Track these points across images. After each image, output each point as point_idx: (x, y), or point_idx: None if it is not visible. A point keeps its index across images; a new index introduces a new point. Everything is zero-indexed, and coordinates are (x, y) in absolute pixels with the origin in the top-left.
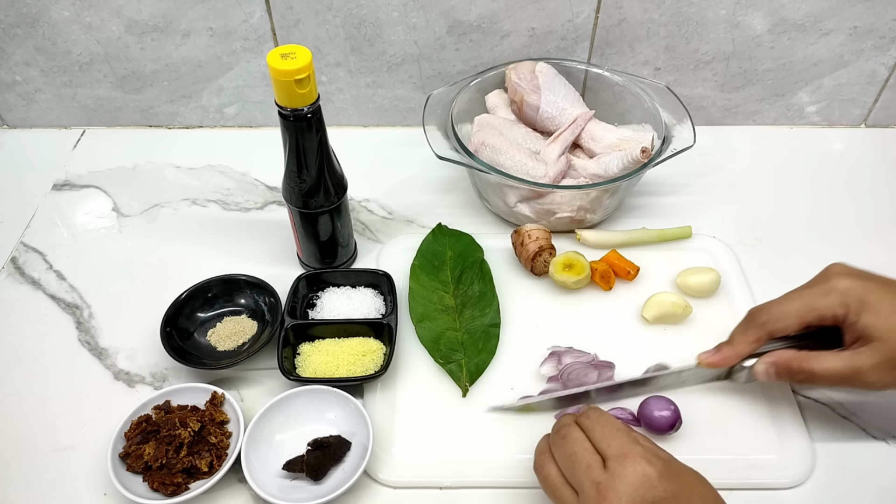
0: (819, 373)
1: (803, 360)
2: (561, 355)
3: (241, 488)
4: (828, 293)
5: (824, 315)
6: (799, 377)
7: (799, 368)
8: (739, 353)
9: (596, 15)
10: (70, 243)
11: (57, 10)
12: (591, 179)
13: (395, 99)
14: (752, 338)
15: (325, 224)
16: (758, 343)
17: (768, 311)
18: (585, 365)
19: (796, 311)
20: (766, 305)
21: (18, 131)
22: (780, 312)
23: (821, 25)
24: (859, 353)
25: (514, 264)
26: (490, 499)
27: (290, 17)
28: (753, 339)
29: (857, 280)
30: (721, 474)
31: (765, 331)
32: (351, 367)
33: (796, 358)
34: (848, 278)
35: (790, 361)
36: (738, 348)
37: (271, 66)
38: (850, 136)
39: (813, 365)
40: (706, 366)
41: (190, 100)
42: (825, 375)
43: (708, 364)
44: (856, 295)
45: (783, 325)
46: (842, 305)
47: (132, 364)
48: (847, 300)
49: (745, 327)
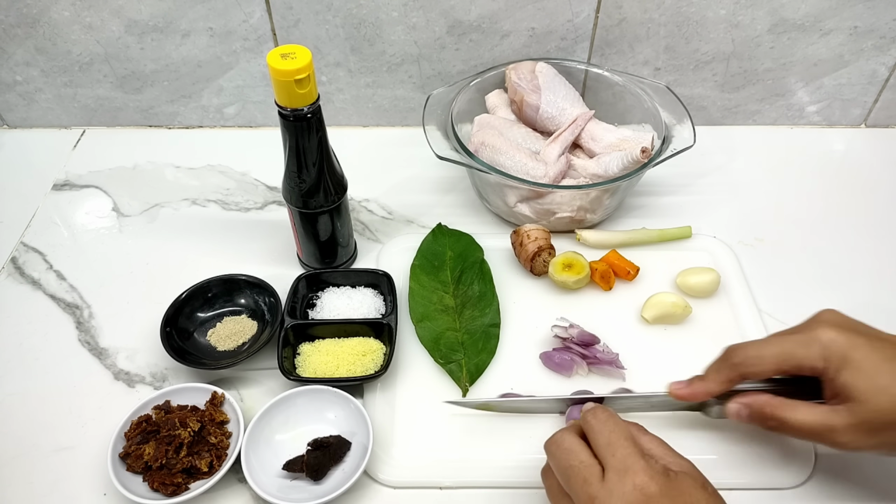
0: (791, 423)
1: (777, 408)
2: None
3: (241, 488)
4: (810, 343)
5: (802, 366)
6: (770, 424)
7: (771, 415)
8: (709, 391)
9: (596, 15)
10: (70, 243)
11: (57, 10)
12: (591, 179)
13: (394, 99)
14: (724, 377)
15: (325, 224)
16: (729, 383)
17: (745, 352)
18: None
19: (773, 357)
20: (743, 346)
21: (18, 131)
22: (756, 356)
23: (821, 25)
24: (835, 411)
25: (515, 264)
26: (490, 499)
27: (290, 17)
28: (725, 379)
29: (844, 333)
30: (721, 474)
31: (737, 372)
32: (351, 367)
33: (770, 404)
34: (834, 330)
35: (763, 406)
36: (708, 386)
37: (271, 66)
38: (850, 136)
39: (786, 414)
40: (676, 398)
41: (190, 100)
42: (797, 427)
43: (677, 397)
44: (839, 349)
45: (758, 369)
46: (822, 359)
47: (132, 364)
48: (828, 354)
49: (720, 366)
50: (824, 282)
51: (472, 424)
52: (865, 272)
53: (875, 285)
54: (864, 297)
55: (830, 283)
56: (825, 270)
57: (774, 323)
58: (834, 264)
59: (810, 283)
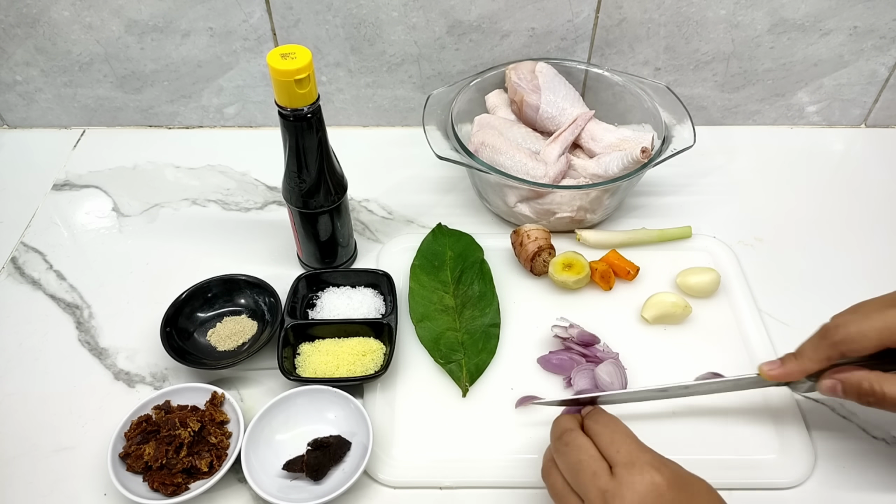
0: (891, 397)
1: (875, 381)
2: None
3: (241, 488)
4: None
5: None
6: (868, 399)
7: (870, 390)
8: (805, 370)
9: (596, 15)
10: (70, 243)
11: (57, 10)
12: (591, 179)
13: (394, 99)
14: (822, 355)
15: (325, 224)
16: (828, 362)
17: (846, 328)
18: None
19: (877, 332)
20: (843, 323)
21: (18, 131)
22: (858, 332)
23: (821, 25)
24: None
25: (515, 264)
26: (490, 499)
27: (290, 17)
28: (824, 357)
29: None
30: (721, 474)
31: (837, 351)
32: (351, 367)
33: (868, 378)
34: None
35: (861, 381)
36: (805, 364)
37: (271, 66)
38: (850, 136)
39: (885, 388)
40: (768, 378)
41: (190, 100)
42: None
43: (771, 377)
44: None
45: (860, 346)
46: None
47: (132, 364)
48: None
49: (817, 343)
50: (824, 282)
51: (472, 424)
52: (865, 272)
53: (875, 285)
54: (864, 296)
55: (830, 283)
56: (825, 270)
57: (774, 323)
58: (834, 264)
59: (810, 283)
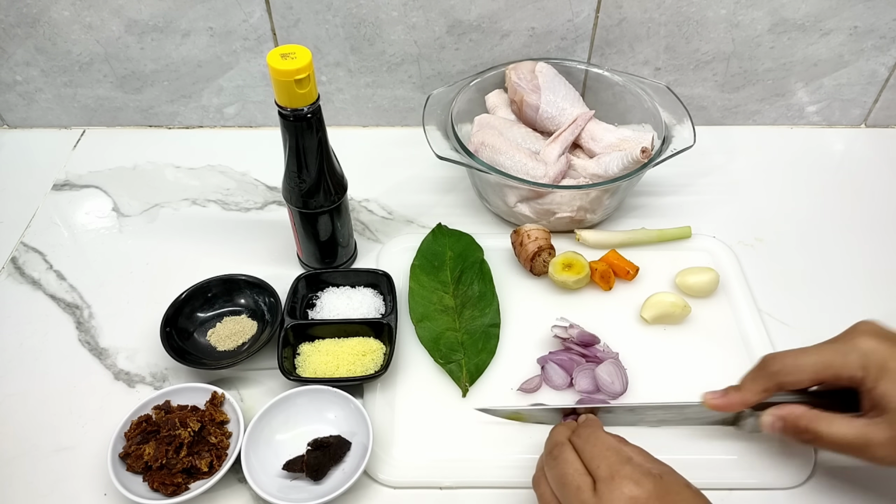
0: (826, 436)
1: (812, 420)
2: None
3: (241, 488)
4: (848, 352)
5: (840, 375)
6: (805, 437)
7: (806, 428)
8: (745, 401)
9: (596, 15)
10: (70, 243)
11: (57, 10)
12: (591, 179)
13: (394, 99)
14: (760, 386)
15: (325, 224)
16: (766, 393)
17: (782, 361)
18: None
19: (812, 365)
20: (780, 355)
21: (18, 131)
22: (794, 365)
23: (821, 25)
24: (873, 424)
25: (515, 264)
26: (490, 499)
27: (289, 17)
28: (762, 389)
29: (884, 343)
30: (721, 474)
31: (774, 381)
32: (351, 367)
33: (805, 416)
34: (873, 339)
35: (799, 419)
36: (745, 395)
37: (271, 66)
38: (850, 136)
39: (822, 427)
40: (710, 407)
41: (190, 100)
42: (832, 440)
43: (712, 406)
44: (878, 359)
45: (795, 378)
46: (861, 368)
47: (132, 364)
48: (867, 363)
49: (756, 375)
50: (824, 282)
51: (472, 425)
52: (865, 272)
53: (875, 285)
54: (864, 296)
55: (830, 283)
56: (825, 270)
57: (774, 323)
58: (834, 264)
59: (810, 283)
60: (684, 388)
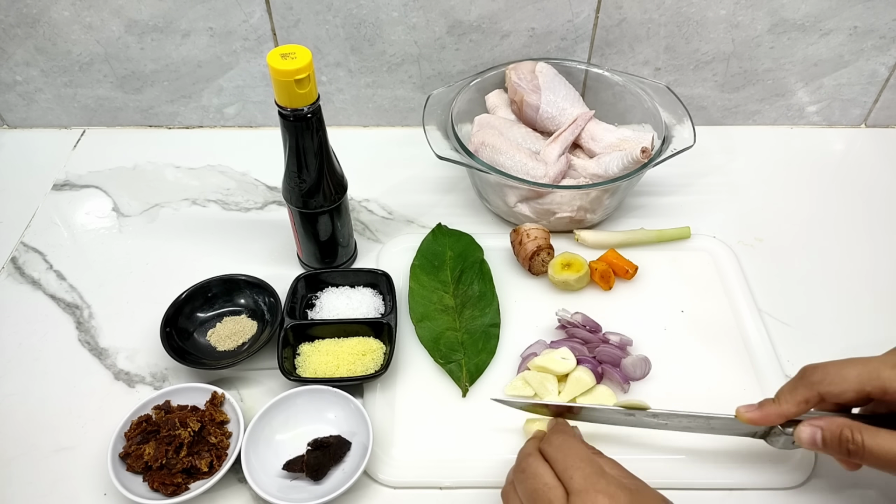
0: (872, 449)
1: (856, 430)
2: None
3: (241, 488)
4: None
5: (887, 388)
6: (849, 448)
7: (850, 438)
8: (783, 413)
9: (596, 15)
10: (70, 243)
11: (57, 10)
12: (591, 179)
13: (395, 99)
14: (800, 397)
15: (325, 224)
16: (806, 405)
17: (824, 370)
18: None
19: (856, 376)
20: (822, 364)
21: (19, 131)
22: (837, 374)
23: (821, 25)
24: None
25: (515, 264)
26: (490, 499)
27: (290, 17)
28: (802, 400)
29: None
30: (721, 474)
31: (815, 391)
32: (351, 366)
33: (850, 426)
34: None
35: (842, 428)
36: (783, 407)
37: (271, 66)
38: (850, 136)
39: (867, 439)
40: (744, 421)
41: (190, 100)
42: (878, 454)
43: (747, 420)
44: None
45: (838, 389)
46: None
47: (132, 364)
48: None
49: (795, 385)
50: (824, 282)
51: (472, 424)
52: (865, 272)
53: (875, 285)
54: (864, 297)
55: (830, 283)
56: (825, 270)
57: (774, 323)
58: (834, 264)
59: (810, 283)
60: (684, 389)
